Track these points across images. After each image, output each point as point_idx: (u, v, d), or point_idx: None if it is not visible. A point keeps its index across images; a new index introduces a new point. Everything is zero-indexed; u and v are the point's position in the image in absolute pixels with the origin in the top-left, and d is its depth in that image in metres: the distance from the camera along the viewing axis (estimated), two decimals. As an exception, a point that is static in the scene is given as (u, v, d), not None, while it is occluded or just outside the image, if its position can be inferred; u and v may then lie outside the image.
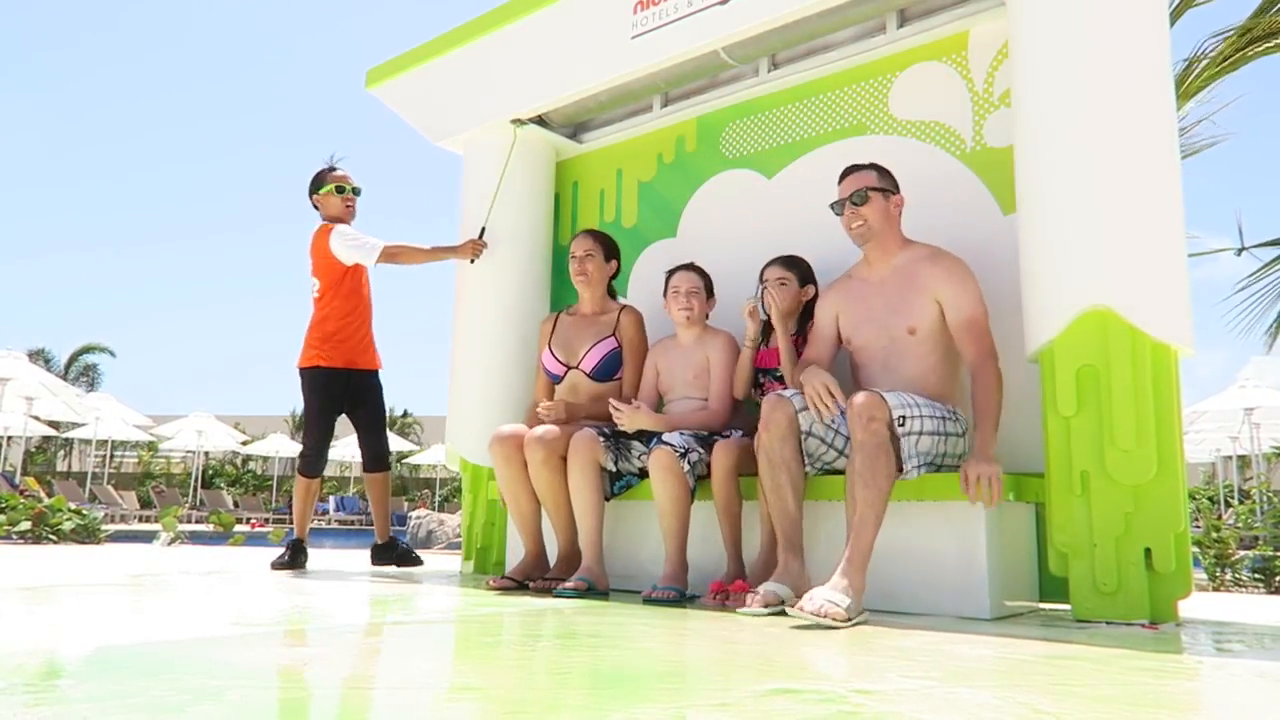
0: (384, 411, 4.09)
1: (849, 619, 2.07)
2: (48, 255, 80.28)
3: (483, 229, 3.88)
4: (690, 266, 3.18)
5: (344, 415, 4.02)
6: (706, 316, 3.18)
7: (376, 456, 4.02)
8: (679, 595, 2.69)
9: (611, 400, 2.94)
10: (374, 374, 4.03)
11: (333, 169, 4.07)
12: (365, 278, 4.00)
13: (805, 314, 2.99)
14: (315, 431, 3.97)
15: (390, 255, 3.81)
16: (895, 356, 2.58)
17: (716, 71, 3.66)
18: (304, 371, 3.93)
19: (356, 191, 4.04)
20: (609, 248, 3.41)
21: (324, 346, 3.92)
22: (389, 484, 4.08)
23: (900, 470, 2.34)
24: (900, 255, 2.68)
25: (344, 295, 3.92)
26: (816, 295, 2.95)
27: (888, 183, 2.70)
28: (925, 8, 3.17)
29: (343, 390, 3.93)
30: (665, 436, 2.82)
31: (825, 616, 2.04)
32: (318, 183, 4.04)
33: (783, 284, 2.95)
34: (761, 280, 3.02)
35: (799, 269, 3.01)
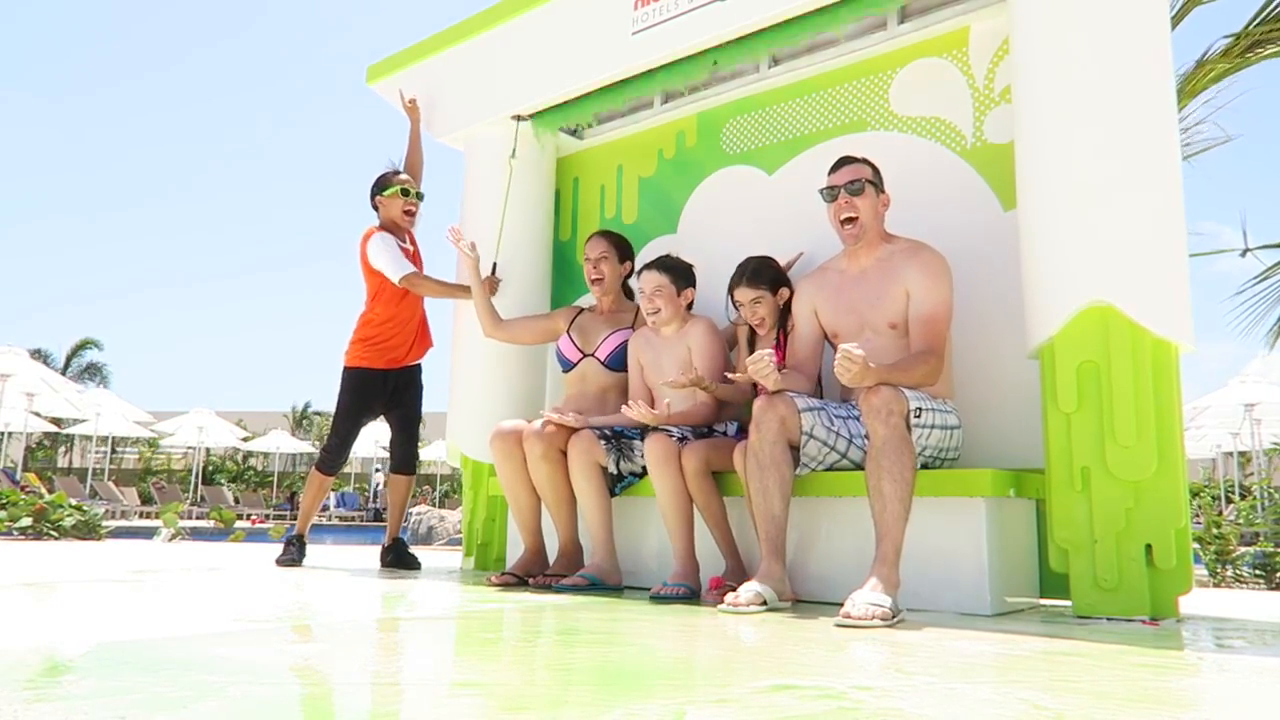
0: (419, 414, 4.09)
1: (893, 616, 2.05)
2: (45, 253, 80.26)
3: (494, 264, 3.82)
4: (653, 264, 3.07)
5: (381, 416, 4.03)
6: (689, 306, 3.10)
7: (404, 460, 4.04)
8: (689, 593, 2.64)
9: (625, 406, 2.81)
10: (417, 368, 4.04)
11: (397, 172, 4.06)
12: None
13: (786, 309, 2.95)
14: (341, 430, 3.95)
15: (410, 283, 3.78)
16: (881, 352, 2.51)
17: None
18: (346, 370, 3.96)
19: (420, 196, 4.02)
20: (622, 249, 3.40)
21: (364, 348, 3.93)
22: (411, 488, 4.10)
23: None
24: (881, 249, 2.68)
25: (386, 301, 3.90)
26: (793, 293, 2.90)
27: (879, 179, 2.70)
28: (926, 4, 3.16)
29: (380, 390, 3.94)
30: (661, 425, 2.80)
31: (873, 619, 2.00)
32: (382, 184, 4.01)
33: (758, 303, 2.92)
34: (733, 299, 2.97)
35: (767, 278, 2.94)
